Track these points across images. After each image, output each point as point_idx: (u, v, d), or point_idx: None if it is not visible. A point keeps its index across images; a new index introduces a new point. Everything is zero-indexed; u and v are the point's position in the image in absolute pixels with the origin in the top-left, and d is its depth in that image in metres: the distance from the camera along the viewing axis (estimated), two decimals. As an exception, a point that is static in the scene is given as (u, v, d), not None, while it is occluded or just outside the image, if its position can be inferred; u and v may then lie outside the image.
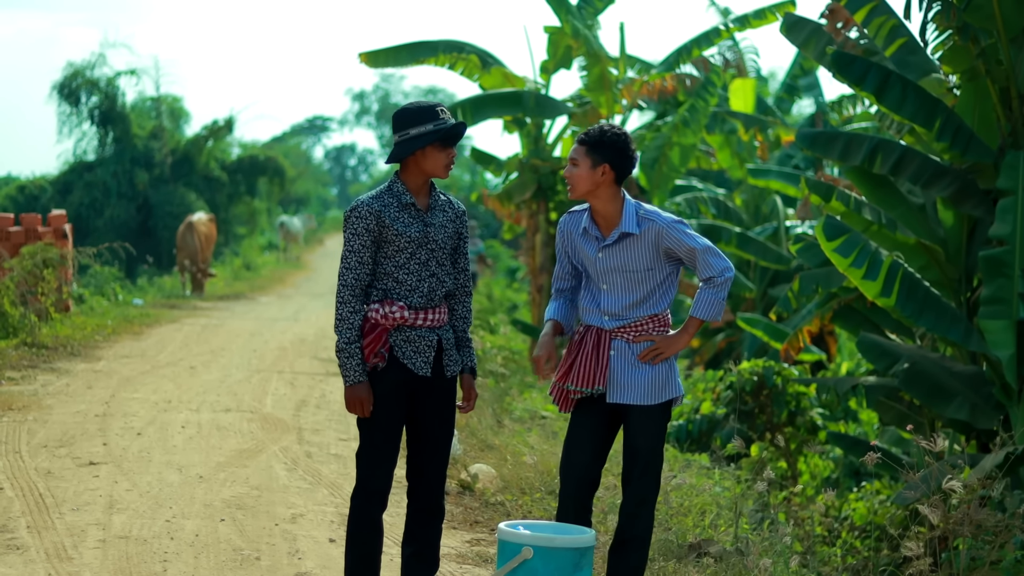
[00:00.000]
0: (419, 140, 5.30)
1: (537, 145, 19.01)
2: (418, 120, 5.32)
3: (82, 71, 38.20)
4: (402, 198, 5.36)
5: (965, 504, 6.70)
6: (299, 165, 60.16)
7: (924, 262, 10.76)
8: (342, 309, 5.30)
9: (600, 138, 5.45)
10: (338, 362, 5.33)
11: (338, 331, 5.31)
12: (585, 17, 18.40)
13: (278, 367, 14.14)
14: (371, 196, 5.37)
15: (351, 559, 5.39)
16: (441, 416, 5.46)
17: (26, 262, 15.43)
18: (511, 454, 9.24)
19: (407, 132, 5.32)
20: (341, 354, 5.31)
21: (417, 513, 5.47)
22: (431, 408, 5.42)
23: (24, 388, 11.62)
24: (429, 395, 5.41)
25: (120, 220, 37.17)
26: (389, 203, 5.34)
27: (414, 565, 5.46)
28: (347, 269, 5.31)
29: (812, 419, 12.96)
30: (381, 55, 17.69)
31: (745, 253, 20.46)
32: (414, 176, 5.38)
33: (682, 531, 7.29)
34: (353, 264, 5.30)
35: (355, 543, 5.38)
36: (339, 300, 5.32)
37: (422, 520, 5.47)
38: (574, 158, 5.48)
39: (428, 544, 5.48)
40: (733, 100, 21.56)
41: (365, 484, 5.36)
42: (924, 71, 10.65)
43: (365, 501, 5.36)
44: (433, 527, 5.49)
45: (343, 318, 5.30)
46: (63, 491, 7.70)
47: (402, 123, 5.34)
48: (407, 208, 5.36)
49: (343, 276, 5.32)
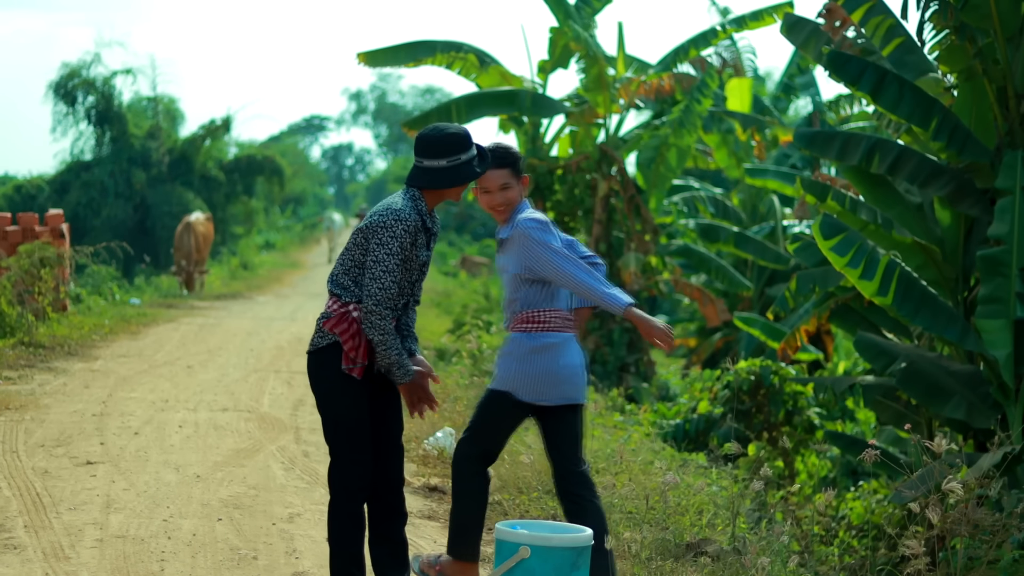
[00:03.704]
0: (463, 173, 5.27)
1: (534, 144, 19.02)
2: (454, 149, 5.28)
3: (78, 71, 38.17)
4: (425, 220, 5.32)
5: (962, 503, 6.70)
6: (296, 164, 60.16)
7: (921, 261, 10.77)
8: (374, 319, 5.18)
9: (514, 154, 5.57)
10: (395, 367, 5.27)
11: (379, 339, 5.20)
12: (583, 17, 18.40)
13: (275, 366, 14.14)
14: (411, 209, 5.26)
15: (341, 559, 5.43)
16: (397, 415, 5.52)
17: (23, 261, 15.41)
18: (508, 453, 9.23)
19: (458, 158, 5.28)
20: (389, 356, 5.23)
21: (384, 516, 5.51)
22: (386, 409, 5.47)
23: (21, 387, 11.61)
24: (383, 396, 5.46)
25: (117, 219, 37.16)
26: (419, 222, 5.28)
27: (387, 564, 5.50)
28: (378, 278, 5.18)
29: (809, 418, 12.98)
30: (379, 55, 17.68)
31: (742, 252, 20.48)
32: (433, 198, 5.37)
33: (679, 530, 7.28)
34: (387, 275, 5.18)
35: (343, 542, 5.40)
36: (372, 310, 5.18)
37: (389, 520, 5.51)
38: (504, 183, 5.52)
39: (400, 543, 5.53)
40: (730, 100, 21.58)
41: (352, 484, 5.37)
42: (921, 70, 10.65)
43: (348, 500, 5.38)
44: (399, 525, 5.54)
45: (380, 328, 5.19)
46: (60, 490, 7.69)
47: (438, 150, 5.27)
48: (425, 231, 5.35)
49: (387, 289, 5.18)
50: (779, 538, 6.88)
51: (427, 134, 5.33)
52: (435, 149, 5.27)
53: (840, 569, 8.87)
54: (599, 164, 18.40)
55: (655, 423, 13.40)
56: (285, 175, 43.48)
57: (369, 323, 5.20)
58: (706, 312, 20.28)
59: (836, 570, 8.72)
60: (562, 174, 18.67)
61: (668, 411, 14.15)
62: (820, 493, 8.42)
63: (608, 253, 18.31)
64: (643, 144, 19.14)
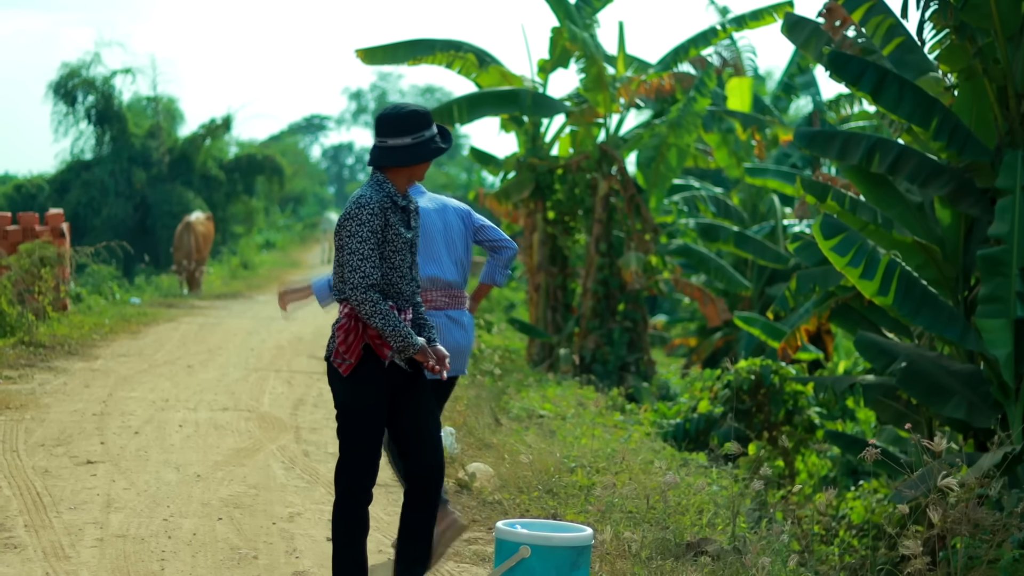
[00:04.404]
0: (428, 150, 5.28)
1: (535, 144, 19.01)
2: (419, 126, 5.28)
3: (78, 71, 38.17)
4: (396, 199, 5.31)
5: (963, 503, 6.70)
6: (296, 164, 60.17)
7: (922, 261, 10.76)
8: (366, 307, 5.15)
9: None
10: (405, 345, 5.21)
11: (381, 324, 5.16)
12: (584, 16, 18.40)
13: (275, 366, 14.14)
14: (373, 192, 5.26)
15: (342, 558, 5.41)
16: (425, 407, 5.46)
17: (23, 261, 15.42)
18: (508, 453, 9.24)
19: (422, 135, 5.28)
20: (396, 336, 5.17)
21: (412, 508, 5.48)
22: (413, 401, 5.43)
23: (21, 387, 11.61)
24: (408, 390, 5.41)
25: (118, 219, 37.15)
26: (387, 202, 5.28)
27: (409, 557, 5.47)
28: (356, 268, 5.15)
29: (810, 418, 12.97)
30: (378, 52, 17.67)
31: (743, 252, 20.48)
32: (401, 179, 5.35)
33: (680, 530, 7.28)
34: (364, 262, 5.16)
35: (343, 542, 5.39)
36: (372, 300, 5.15)
37: (415, 512, 5.48)
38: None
39: (424, 538, 5.50)
40: (731, 99, 21.57)
41: (354, 482, 5.34)
42: (921, 70, 10.65)
43: (351, 499, 5.35)
44: (426, 520, 5.50)
45: (374, 313, 5.15)
46: (60, 490, 7.69)
47: (402, 127, 5.27)
48: (399, 209, 5.33)
49: (366, 275, 5.15)
50: (779, 537, 6.89)
51: (389, 113, 5.32)
52: (399, 127, 5.27)
53: (840, 568, 8.86)
54: (599, 163, 18.40)
55: (655, 423, 13.40)
56: (285, 174, 43.47)
57: (363, 312, 5.18)
58: (706, 311, 20.27)
59: (836, 570, 8.71)
60: (562, 173, 18.67)
61: (668, 411, 14.15)
62: (821, 493, 8.40)
63: (608, 252, 18.30)
64: (643, 143, 19.13)
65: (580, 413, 12.00)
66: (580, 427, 10.89)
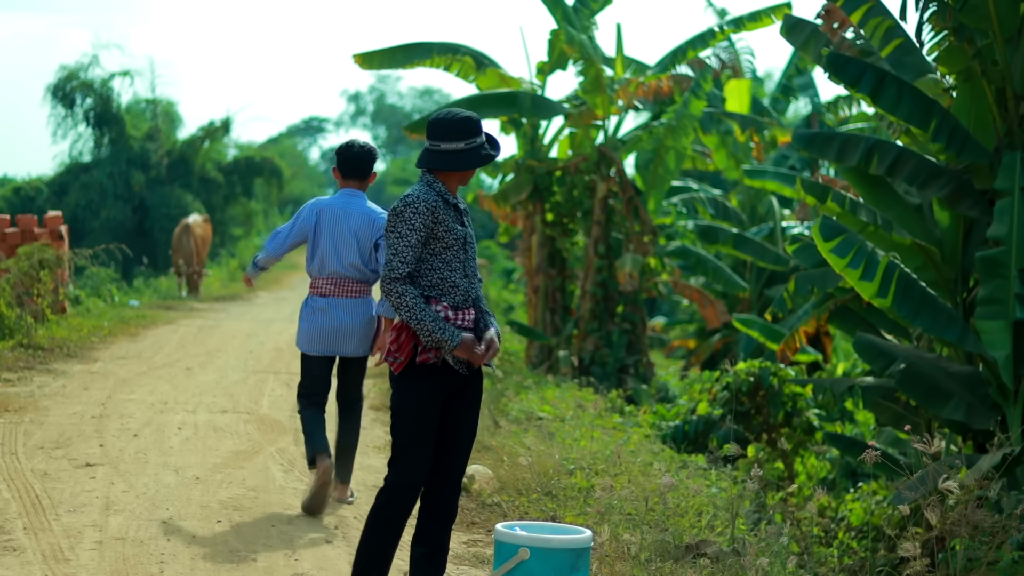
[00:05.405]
0: (480, 156, 5.36)
1: (533, 146, 19.03)
2: (471, 132, 5.35)
3: (76, 73, 38.19)
4: (447, 198, 5.38)
5: (962, 505, 6.70)
6: (295, 166, 60.18)
7: (920, 262, 10.77)
8: (406, 299, 5.19)
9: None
10: (435, 340, 5.20)
11: (407, 317, 5.20)
12: (582, 18, 18.41)
13: (274, 368, 14.14)
14: (422, 191, 5.32)
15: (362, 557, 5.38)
16: (471, 416, 5.46)
17: (22, 263, 15.41)
18: (507, 455, 9.24)
19: (474, 141, 5.34)
20: (435, 332, 5.18)
21: (432, 514, 5.47)
22: (463, 408, 5.42)
23: (20, 389, 11.60)
24: (462, 395, 5.41)
25: (116, 221, 37.17)
26: (438, 200, 5.33)
27: (423, 563, 5.45)
28: (402, 262, 5.21)
29: (808, 420, 12.98)
30: (375, 57, 17.68)
31: (741, 253, 20.48)
32: (452, 181, 5.41)
33: (679, 532, 7.29)
34: (409, 258, 5.22)
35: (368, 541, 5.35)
36: (399, 292, 5.20)
37: (433, 519, 5.46)
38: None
39: (440, 546, 5.48)
40: (729, 101, 21.58)
41: (405, 482, 5.31)
42: (920, 72, 10.65)
43: (387, 501, 5.31)
44: (442, 527, 5.48)
45: (400, 305, 5.20)
46: (60, 492, 7.69)
47: (456, 133, 5.34)
48: (451, 208, 5.39)
49: (397, 268, 5.22)
50: (778, 539, 6.89)
51: (444, 118, 5.38)
52: (453, 132, 5.34)
53: (839, 570, 8.86)
54: (598, 165, 18.41)
55: (654, 424, 13.40)
56: (284, 176, 43.50)
57: (392, 304, 5.23)
58: (705, 313, 20.28)
59: (835, 571, 8.72)
60: (561, 175, 18.68)
61: (667, 412, 14.15)
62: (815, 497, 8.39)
63: (607, 255, 18.31)
64: (642, 145, 19.15)
65: (579, 415, 12.00)
66: (579, 429, 10.89)
